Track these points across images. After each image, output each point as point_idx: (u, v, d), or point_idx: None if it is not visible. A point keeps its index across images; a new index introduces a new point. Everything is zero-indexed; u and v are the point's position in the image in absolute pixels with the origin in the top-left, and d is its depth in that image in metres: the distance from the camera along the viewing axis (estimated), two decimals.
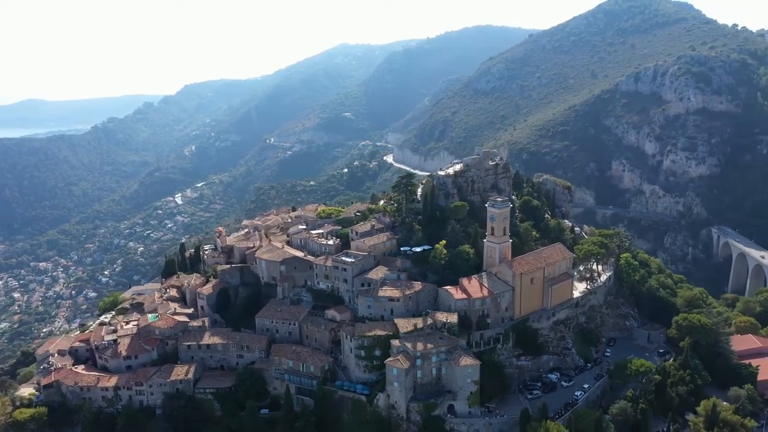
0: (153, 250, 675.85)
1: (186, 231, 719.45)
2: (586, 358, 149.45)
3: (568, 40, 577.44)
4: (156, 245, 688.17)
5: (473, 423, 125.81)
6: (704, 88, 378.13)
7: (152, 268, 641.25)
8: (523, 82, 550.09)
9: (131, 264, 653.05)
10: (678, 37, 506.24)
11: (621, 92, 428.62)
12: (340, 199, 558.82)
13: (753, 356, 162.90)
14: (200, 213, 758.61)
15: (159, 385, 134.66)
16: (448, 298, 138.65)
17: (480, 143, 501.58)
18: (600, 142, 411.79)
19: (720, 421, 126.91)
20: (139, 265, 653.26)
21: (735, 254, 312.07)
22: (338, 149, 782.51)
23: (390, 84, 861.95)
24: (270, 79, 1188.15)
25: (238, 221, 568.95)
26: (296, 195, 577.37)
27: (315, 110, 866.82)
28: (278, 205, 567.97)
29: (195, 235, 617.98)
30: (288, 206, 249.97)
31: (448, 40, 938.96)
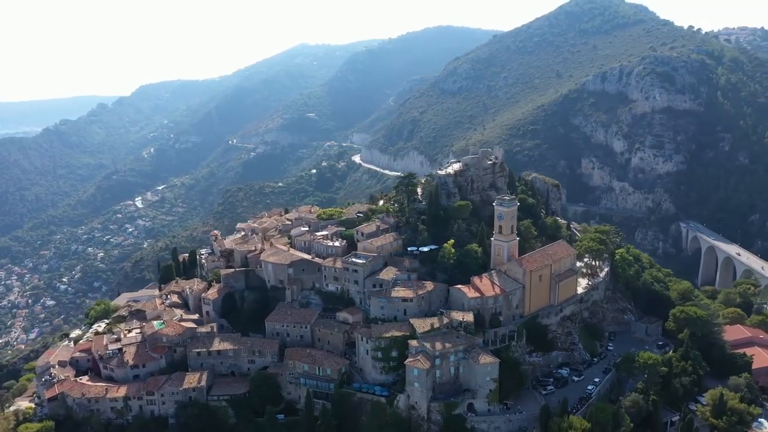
0: (114, 255, 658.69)
1: (148, 235, 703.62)
2: (592, 353, 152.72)
3: (531, 41, 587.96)
4: (117, 250, 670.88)
5: (493, 420, 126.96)
6: (669, 87, 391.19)
7: (114, 274, 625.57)
8: (490, 82, 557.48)
9: (91, 270, 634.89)
10: (638, 38, 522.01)
11: (588, 92, 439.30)
12: (310, 200, 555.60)
13: (743, 345, 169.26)
14: (162, 216, 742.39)
15: (171, 393, 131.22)
16: (461, 297, 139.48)
17: (450, 143, 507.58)
18: (569, 140, 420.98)
19: (728, 410, 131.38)
20: (100, 271, 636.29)
21: (704, 248, 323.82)
22: (303, 150, 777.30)
23: (353, 84, 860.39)
24: (229, 79, 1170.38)
25: (206, 224, 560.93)
26: (264, 197, 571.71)
27: (278, 111, 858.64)
28: (247, 207, 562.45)
29: (161, 238, 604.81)
30: (273, 209, 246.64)
31: (409, 40, 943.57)
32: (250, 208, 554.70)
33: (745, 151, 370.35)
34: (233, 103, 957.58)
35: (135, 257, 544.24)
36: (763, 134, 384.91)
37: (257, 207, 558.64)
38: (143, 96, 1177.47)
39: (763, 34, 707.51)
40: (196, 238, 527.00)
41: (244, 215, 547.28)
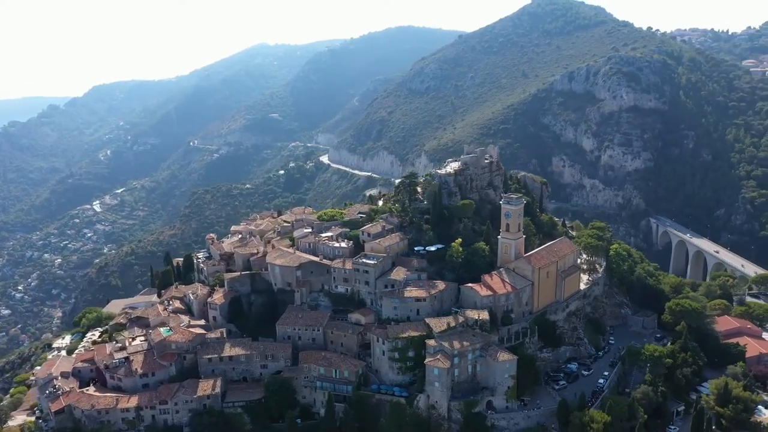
0: (73, 261, 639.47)
1: (108, 240, 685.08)
2: (597, 347, 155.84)
3: (497, 42, 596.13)
4: (76, 256, 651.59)
5: (513, 417, 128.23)
6: (635, 86, 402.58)
7: (74, 280, 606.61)
8: (457, 82, 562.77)
9: (49, 277, 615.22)
10: (600, 39, 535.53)
11: (556, 91, 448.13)
12: (279, 201, 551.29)
13: (733, 336, 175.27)
14: (122, 220, 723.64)
15: (185, 402, 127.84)
16: (474, 296, 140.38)
17: (420, 142, 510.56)
18: (540, 139, 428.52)
19: (733, 398, 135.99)
20: (58, 278, 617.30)
21: (675, 242, 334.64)
22: (267, 151, 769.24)
23: (317, 84, 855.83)
24: (186, 79, 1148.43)
25: (173, 227, 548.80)
26: (232, 199, 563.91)
27: (240, 111, 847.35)
28: (215, 209, 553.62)
29: (125, 243, 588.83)
30: (264, 211, 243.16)
31: (371, 40, 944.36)
32: (218, 211, 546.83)
33: (708, 148, 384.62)
34: (193, 104, 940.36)
35: (99, 263, 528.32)
36: (724, 132, 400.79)
37: (225, 209, 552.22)
38: (97, 97, 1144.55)
39: (713, 35, 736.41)
40: (164, 242, 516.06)
41: (212, 218, 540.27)
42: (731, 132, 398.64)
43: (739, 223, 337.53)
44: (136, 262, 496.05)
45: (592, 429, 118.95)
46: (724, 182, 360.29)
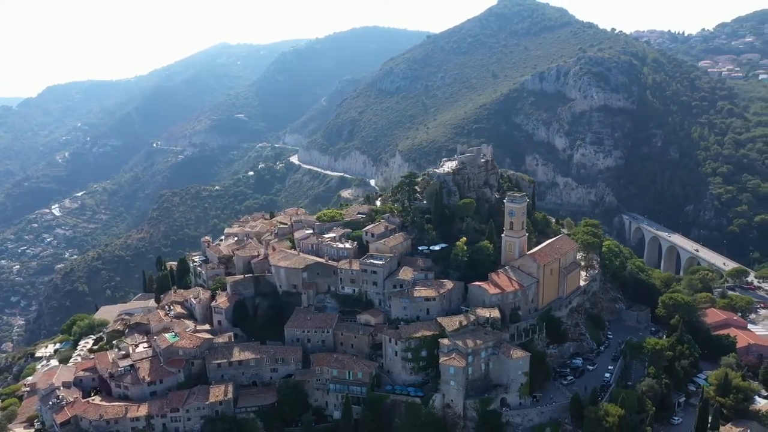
0: (32, 267, 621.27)
1: (69, 245, 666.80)
2: (598, 342, 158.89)
3: (465, 42, 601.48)
4: (35, 262, 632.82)
5: (527, 413, 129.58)
6: (604, 86, 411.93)
7: (34, 287, 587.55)
8: (428, 82, 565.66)
9: (7, 284, 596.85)
10: (566, 40, 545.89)
11: (528, 91, 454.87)
12: (250, 203, 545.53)
13: (721, 327, 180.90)
14: (84, 225, 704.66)
15: (196, 408, 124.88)
16: (482, 294, 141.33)
17: (393, 142, 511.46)
18: (513, 138, 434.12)
19: (733, 388, 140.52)
20: (17, 285, 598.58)
21: (648, 238, 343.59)
22: (234, 152, 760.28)
23: (283, 84, 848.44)
24: (146, 79, 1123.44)
25: (141, 230, 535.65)
26: (202, 201, 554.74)
27: (205, 112, 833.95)
28: (184, 212, 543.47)
29: (90, 248, 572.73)
30: (255, 213, 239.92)
31: (337, 40, 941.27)
32: (187, 213, 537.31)
33: (676, 146, 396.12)
34: (154, 104, 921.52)
35: (64, 269, 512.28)
36: (689, 130, 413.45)
37: (194, 211, 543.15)
38: (51, 97, 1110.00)
39: (670, 36, 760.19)
40: (132, 246, 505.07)
41: (181, 220, 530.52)
42: (696, 130, 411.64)
43: (708, 219, 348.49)
44: (103, 267, 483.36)
45: (608, 422, 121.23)
46: (692, 179, 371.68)
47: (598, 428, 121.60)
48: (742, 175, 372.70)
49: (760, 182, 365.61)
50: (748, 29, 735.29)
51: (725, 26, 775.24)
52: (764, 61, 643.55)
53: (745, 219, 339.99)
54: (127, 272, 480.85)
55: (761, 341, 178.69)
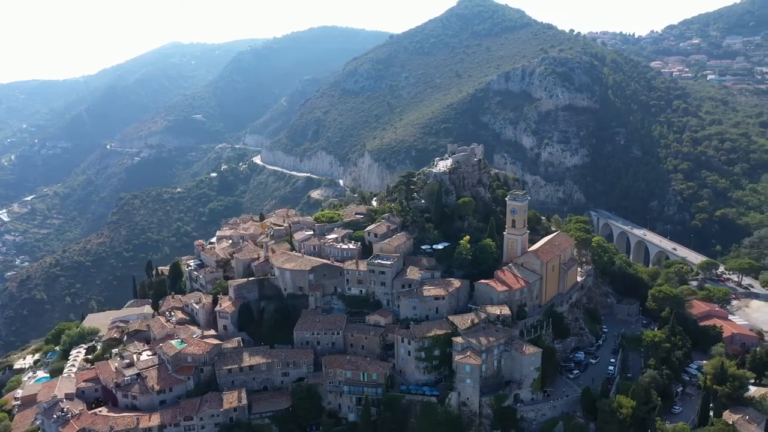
0: None
1: (20, 251, 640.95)
2: (596, 336, 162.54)
3: (428, 42, 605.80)
4: None
5: (540, 408, 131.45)
6: (569, 86, 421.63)
7: None
8: (392, 82, 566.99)
9: None
10: (527, 41, 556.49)
11: (493, 91, 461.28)
12: (214, 205, 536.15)
13: (704, 318, 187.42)
14: (35, 230, 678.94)
15: (210, 416, 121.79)
16: (489, 292, 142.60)
17: (359, 142, 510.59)
18: (481, 137, 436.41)
19: (729, 376, 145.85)
20: None
21: (616, 233, 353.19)
22: (192, 153, 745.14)
23: (241, 84, 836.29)
24: (95, 79, 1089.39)
25: (101, 235, 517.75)
26: (164, 203, 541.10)
27: (160, 112, 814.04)
28: (145, 215, 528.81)
29: (45, 254, 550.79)
30: (244, 215, 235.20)
31: (295, 39, 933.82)
32: (149, 216, 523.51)
33: (638, 143, 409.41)
34: (106, 105, 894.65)
35: (19, 276, 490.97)
36: (650, 129, 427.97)
37: (156, 214, 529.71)
38: None
39: (622, 38, 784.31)
40: (92, 251, 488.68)
41: (143, 224, 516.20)
42: (656, 129, 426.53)
43: (672, 214, 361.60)
44: (62, 274, 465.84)
45: (621, 414, 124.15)
46: (654, 176, 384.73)
47: (611, 420, 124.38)
48: (701, 172, 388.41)
49: (718, 178, 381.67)
50: (694, 31, 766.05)
51: (673, 28, 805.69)
52: (711, 62, 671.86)
53: (706, 213, 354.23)
54: (87, 278, 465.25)
55: (743, 331, 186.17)
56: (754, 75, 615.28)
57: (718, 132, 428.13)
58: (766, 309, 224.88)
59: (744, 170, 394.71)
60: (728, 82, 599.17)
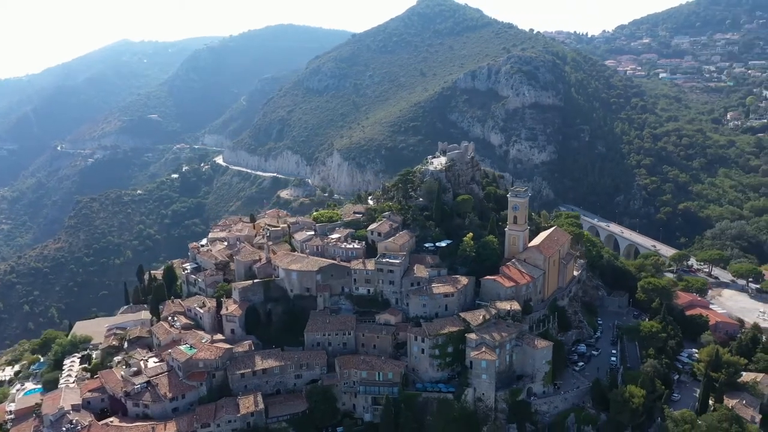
0: None
1: None
2: (594, 328, 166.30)
3: (391, 41, 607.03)
4: None
5: (552, 401, 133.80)
6: (534, 84, 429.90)
7: None
8: (356, 81, 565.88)
9: None
10: (490, 40, 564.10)
11: (460, 89, 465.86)
12: (177, 207, 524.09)
13: (688, 308, 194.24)
14: None
15: (227, 422, 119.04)
16: (497, 288, 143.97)
17: (326, 141, 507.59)
18: (449, 135, 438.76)
19: (724, 363, 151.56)
20: None
21: (585, 227, 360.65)
22: (149, 154, 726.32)
23: (197, 83, 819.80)
24: (41, 78, 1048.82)
25: (58, 239, 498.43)
26: (124, 206, 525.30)
27: (114, 112, 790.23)
28: (105, 218, 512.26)
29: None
30: (232, 216, 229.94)
31: (252, 38, 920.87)
32: (109, 219, 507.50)
33: (602, 140, 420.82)
34: (54, 105, 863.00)
35: None
36: (612, 126, 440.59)
37: (117, 217, 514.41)
38: None
39: (576, 37, 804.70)
40: (49, 257, 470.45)
41: (103, 227, 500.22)
42: (618, 126, 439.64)
43: (637, 208, 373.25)
44: (18, 281, 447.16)
45: (634, 403, 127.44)
46: (619, 171, 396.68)
47: (624, 410, 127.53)
48: (663, 167, 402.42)
49: (679, 173, 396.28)
50: (644, 31, 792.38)
51: (624, 28, 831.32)
52: (662, 61, 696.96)
53: (670, 207, 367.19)
54: (45, 285, 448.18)
55: (726, 319, 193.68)
56: (702, 73, 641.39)
57: (676, 128, 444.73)
58: (738, 298, 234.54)
59: (702, 165, 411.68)
60: (679, 80, 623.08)
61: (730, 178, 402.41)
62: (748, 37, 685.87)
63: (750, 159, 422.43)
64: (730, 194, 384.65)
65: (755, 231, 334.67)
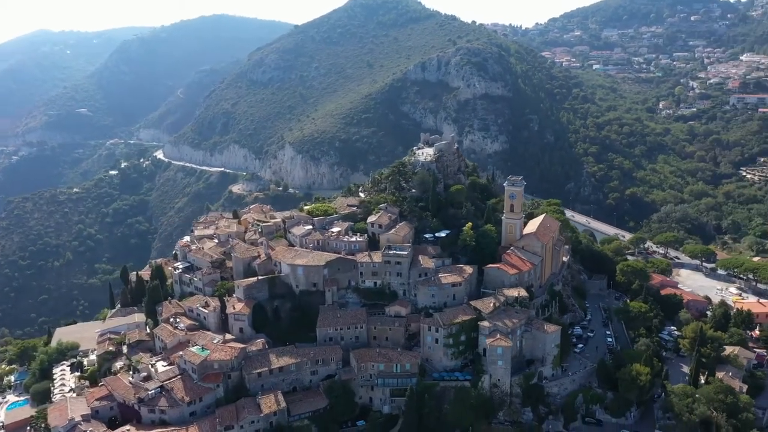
0: None
1: None
2: (584, 310, 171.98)
3: (335, 32, 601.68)
4: None
5: (561, 382, 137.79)
6: (484, 75, 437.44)
7: None
8: (302, 73, 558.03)
9: None
10: (434, 32, 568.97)
11: (411, 80, 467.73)
12: (118, 205, 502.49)
13: (660, 288, 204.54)
14: None
15: (250, 423, 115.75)
16: (501, 276, 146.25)
17: (274, 134, 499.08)
18: (402, 126, 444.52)
19: (708, 339, 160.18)
20: None
21: None
22: (80, 150, 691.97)
23: (129, 75, 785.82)
24: None
25: None
26: (60, 205, 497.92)
27: (38, 107, 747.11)
28: (39, 218, 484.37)
29: None
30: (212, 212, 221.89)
31: (185, 28, 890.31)
32: (45, 220, 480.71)
33: (550, 129, 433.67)
34: None
35: None
36: (559, 115, 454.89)
37: (54, 217, 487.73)
38: None
39: (512, 29, 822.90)
40: None
41: (38, 228, 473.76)
42: (564, 115, 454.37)
43: (587, 194, 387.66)
44: None
45: (641, 380, 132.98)
46: (568, 159, 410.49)
47: (632, 387, 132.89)
48: (608, 154, 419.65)
49: (623, 160, 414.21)
50: (575, 24, 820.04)
51: (556, 21, 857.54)
52: (594, 52, 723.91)
53: (617, 193, 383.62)
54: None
55: (695, 297, 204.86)
56: (632, 65, 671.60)
57: (616, 117, 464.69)
58: (695, 277, 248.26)
59: (642, 152, 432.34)
60: (612, 71, 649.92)
61: (669, 164, 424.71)
62: (671, 30, 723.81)
63: (685, 146, 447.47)
64: (671, 179, 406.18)
65: (697, 213, 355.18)
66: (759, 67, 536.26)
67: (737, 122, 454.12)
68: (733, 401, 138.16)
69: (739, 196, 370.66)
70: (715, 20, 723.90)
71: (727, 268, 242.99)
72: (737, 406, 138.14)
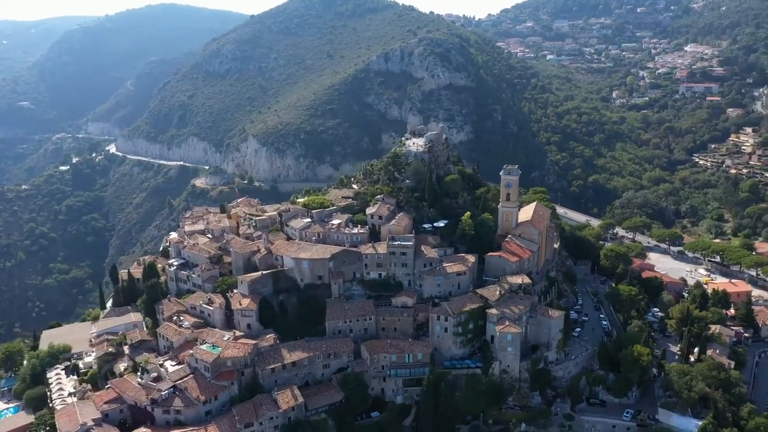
0: None
1: None
2: (575, 295, 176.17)
3: (292, 23, 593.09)
4: None
5: (565, 366, 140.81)
6: (448, 66, 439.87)
7: None
8: (261, 64, 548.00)
9: None
10: (393, 22, 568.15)
11: (374, 71, 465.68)
12: (71, 201, 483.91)
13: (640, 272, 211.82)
14: None
15: (269, 419, 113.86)
16: (503, 263, 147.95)
17: (234, 126, 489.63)
18: (367, 117, 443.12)
19: (694, 318, 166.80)
20: None
21: None
22: (23, 145, 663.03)
23: (73, 67, 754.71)
24: None
25: None
26: (9, 203, 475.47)
27: None
28: None
29: None
30: (197, 207, 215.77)
31: (131, 17, 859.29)
32: None
33: (513, 119, 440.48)
34: None
35: None
36: (520, 105, 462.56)
37: (2, 216, 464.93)
38: None
39: (465, 21, 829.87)
40: None
41: None
42: (525, 105, 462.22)
43: (552, 182, 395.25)
44: None
45: (643, 361, 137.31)
46: (532, 148, 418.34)
47: (635, 368, 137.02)
48: (569, 143, 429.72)
49: (584, 148, 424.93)
50: (527, 15, 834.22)
51: (508, 12, 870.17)
52: (546, 43, 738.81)
53: (581, 180, 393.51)
54: None
55: (672, 279, 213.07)
56: (584, 55, 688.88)
57: (575, 107, 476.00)
58: (663, 260, 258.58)
59: (601, 140, 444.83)
60: (565, 61, 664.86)
61: (627, 151, 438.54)
62: (619, 21, 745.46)
63: (640, 133, 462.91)
64: (630, 166, 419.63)
65: (656, 199, 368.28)
66: (703, 57, 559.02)
67: (687, 110, 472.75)
68: (726, 377, 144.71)
69: (695, 181, 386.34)
70: (660, 12, 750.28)
71: (694, 251, 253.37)
72: (729, 382, 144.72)
